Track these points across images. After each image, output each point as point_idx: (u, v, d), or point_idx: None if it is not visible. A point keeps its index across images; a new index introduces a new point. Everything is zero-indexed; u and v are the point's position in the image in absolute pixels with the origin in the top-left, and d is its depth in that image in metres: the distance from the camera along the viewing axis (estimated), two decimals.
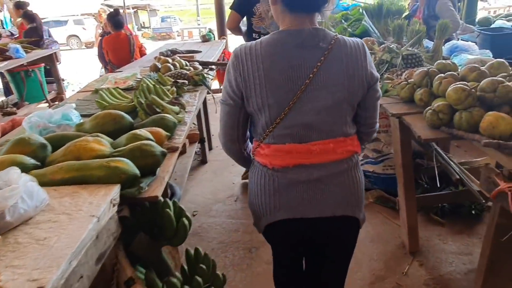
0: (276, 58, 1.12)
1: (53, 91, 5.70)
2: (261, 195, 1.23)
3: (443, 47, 2.80)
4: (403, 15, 4.01)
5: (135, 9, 30.84)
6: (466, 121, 1.56)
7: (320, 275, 1.40)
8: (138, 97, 2.00)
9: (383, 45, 2.59)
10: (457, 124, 1.60)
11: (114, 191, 1.06)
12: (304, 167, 1.17)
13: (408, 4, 4.68)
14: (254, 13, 3.04)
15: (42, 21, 5.70)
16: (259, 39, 1.18)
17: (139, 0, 34.33)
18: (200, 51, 4.43)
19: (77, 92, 2.87)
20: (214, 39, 5.43)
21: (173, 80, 2.56)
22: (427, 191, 2.75)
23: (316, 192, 1.18)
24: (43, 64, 5.07)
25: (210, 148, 3.92)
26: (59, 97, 5.64)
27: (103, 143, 1.29)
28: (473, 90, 1.60)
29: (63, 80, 5.74)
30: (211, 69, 3.43)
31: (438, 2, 3.56)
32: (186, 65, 3.21)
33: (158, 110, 1.94)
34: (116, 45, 4.45)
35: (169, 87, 2.49)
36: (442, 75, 1.81)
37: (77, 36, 20.77)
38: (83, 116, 1.88)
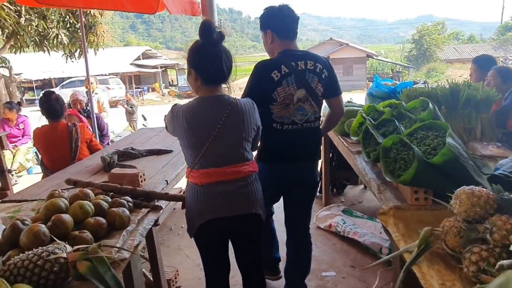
0: (195, 114, 1.66)
1: None
2: (195, 204, 1.73)
3: None
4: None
5: (164, 68, 30.96)
6: None
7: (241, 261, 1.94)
8: None
9: None
10: None
11: None
12: (222, 183, 1.69)
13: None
14: (274, 100, 2.02)
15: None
16: (185, 104, 1.71)
17: (169, 60, 34.81)
18: (170, 151, 2.91)
19: None
20: None
21: None
22: None
23: (231, 199, 1.71)
24: None
25: None
26: (2, 193, 4.22)
27: None
28: None
29: (10, 171, 4.33)
30: (156, 208, 1.85)
31: None
32: (102, 208, 1.66)
33: None
34: (50, 141, 3.01)
35: None
36: None
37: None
38: None
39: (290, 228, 2.34)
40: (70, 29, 7.82)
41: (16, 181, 5.57)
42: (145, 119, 8.55)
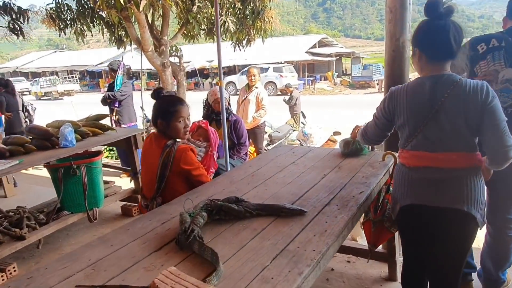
0: (415, 94, 1.56)
1: (129, 188, 3.89)
2: (399, 186, 1.66)
3: None
4: None
5: (338, 57, 29.55)
6: None
7: (436, 260, 1.67)
8: None
9: None
10: None
11: None
12: (430, 169, 1.55)
13: None
14: (475, 74, 1.96)
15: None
16: (407, 83, 1.66)
17: (345, 49, 33.18)
18: (301, 212, 1.61)
19: None
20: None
21: None
22: None
23: (438, 188, 1.53)
24: (99, 157, 3.26)
25: None
26: (134, 196, 3.79)
27: None
28: None
29: None
30: None
31: None
32: None
33: None
34: (144, 157, 2.16)
35: None
36: None
37: (274, 83, 20.51)
38: None
39: (489, 220, 2.06)
40: (239, 15, 7.31)
41: None
42: (304, 116, 7.49)
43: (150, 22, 6.44)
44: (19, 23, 6.58)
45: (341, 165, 2.21)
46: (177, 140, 2.11)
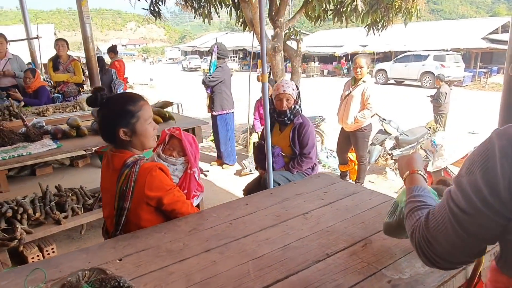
0: None
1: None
2: None
3: None
4: None
5: None
6: None
7: None
8: None
9: None
10: None
11: None
12: None
13: None
14: None
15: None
16: None
17: None
18: None
19: None
20: None
21: None
22: None
23: None
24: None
25: None
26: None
27: None
28: None
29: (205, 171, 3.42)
30: None
31: None
32: None
33: None
34: (102, 180, 1.63)
35: None
36: None
37: (432, 73, 17.48)
38: None
39: None
40: None
41: (251, 170, 4.85)
42: (439, 123, 5.80)
43: (268, 2, 5.92)
44: (158, 5, 7.01)
45: (374, 239, 1.24)
46: (141, 156, 1.53)
